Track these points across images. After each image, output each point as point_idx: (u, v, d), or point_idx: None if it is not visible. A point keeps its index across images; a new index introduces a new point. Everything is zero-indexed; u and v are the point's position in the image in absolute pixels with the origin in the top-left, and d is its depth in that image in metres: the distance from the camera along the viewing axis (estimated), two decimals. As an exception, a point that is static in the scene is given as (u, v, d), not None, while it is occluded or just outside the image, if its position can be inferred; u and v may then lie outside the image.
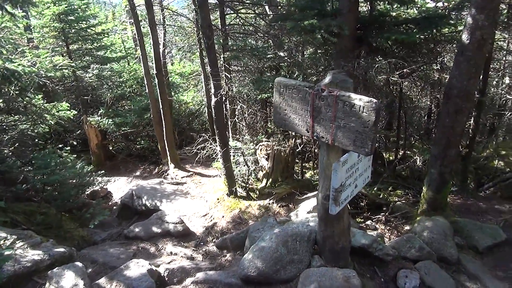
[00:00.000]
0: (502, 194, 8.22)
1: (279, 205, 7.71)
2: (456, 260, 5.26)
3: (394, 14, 7.28)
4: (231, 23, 11.41)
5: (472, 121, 8.60)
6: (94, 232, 7.55)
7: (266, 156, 8.32)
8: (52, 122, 8.73)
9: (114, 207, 9.62)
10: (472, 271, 5.13)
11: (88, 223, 7.01)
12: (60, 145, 8.58)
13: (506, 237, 5.89)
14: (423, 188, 6.50)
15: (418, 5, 7.89)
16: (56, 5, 11.35)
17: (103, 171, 8.91)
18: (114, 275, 4.52)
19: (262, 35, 10.14)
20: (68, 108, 9.10)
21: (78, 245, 6.56)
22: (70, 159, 8.06)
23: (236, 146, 8.58)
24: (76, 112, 10.88)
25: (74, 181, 7.58)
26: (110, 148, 13.57)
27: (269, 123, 11.27)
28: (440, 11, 7.19)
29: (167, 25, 13.83)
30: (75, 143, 13.19)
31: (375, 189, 7.83)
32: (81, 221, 7.30)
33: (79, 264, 4.59)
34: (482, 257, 5.56)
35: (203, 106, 14.39)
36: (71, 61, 11.83)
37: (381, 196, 7.67)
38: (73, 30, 12.36)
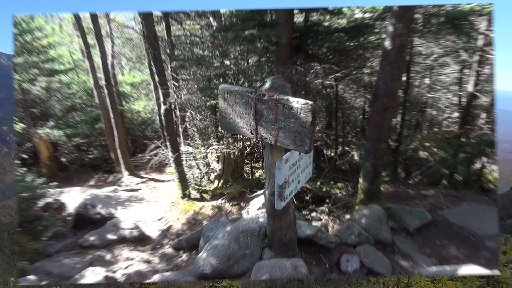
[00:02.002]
0: (428, 181, 8.81)
1: (231, 204, 7.70)
2: (391, 242, 5.57)
3: (326, 24, 7.54)
4: (177, 34, 11.22)
5: (399, 118, 9.12)
6: (48, 244, 7.07)
7: (217, 159, 8.28)
8: (-2, 137, 8.15)
9: (69, 218, 9.08)
10: (404, 250, 5.45)
11: (41, 235, 6.60)
12: (8, 159, 8.00)
13: (432, 218, 6.34)
14: (360, 180, 6.78)
15: (348, 16, 8.25)
16: (-3, 18, 10.57)
17: (55, 182, 8.40)
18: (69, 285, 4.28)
19: (207, 45, 10.06)
20: (16, 122, 8.51)
21: (32, 258, 6.13)
22: (20, 173, 7.54)
23: (188, 150, 8.46)
24: (24, 126, 10.20)
25: (24, 194, 7.09)
26: (63, 159, 12.80)
27: (219, 128, 11.19)
28: (366, 21, 7.56)
29: (115, 37, 13.32)
30: (25, 156, 12.30)
31: (318, 183, 8.04)
32: (33, 234, 6.84)
33: (31, 278, 4.30)
34: (413, 238, 5.92)
35: (154, 114, 14.02)
36: (15, 74, 11.06)
37: (324, 190, 7.89)
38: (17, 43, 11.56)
